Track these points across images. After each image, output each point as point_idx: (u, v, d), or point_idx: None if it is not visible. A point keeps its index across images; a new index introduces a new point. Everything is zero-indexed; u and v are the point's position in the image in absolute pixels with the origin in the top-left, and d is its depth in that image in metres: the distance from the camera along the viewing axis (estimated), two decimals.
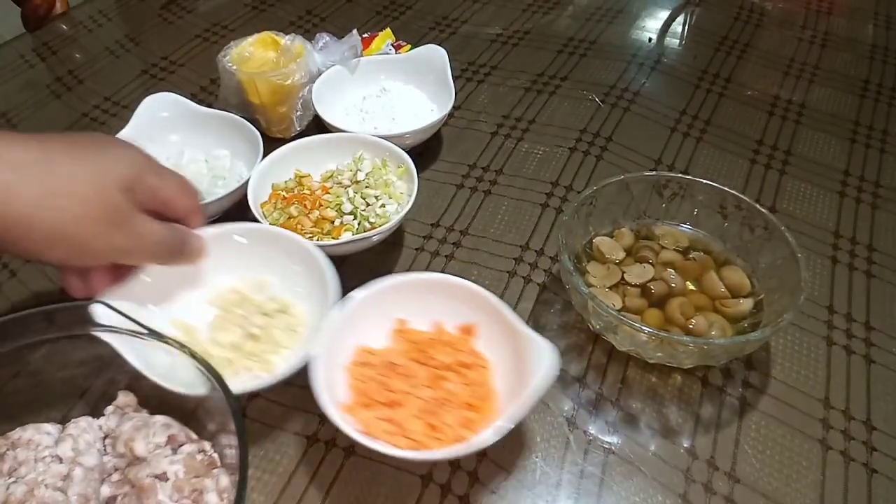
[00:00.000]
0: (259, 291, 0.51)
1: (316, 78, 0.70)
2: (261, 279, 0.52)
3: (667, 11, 0.96)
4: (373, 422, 0.43)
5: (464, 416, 0.43)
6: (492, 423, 0.41)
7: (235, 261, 0.51)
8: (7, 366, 0.40)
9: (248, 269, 0.52)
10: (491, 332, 0.48)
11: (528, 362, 0.43)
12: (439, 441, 0.42)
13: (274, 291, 0.51)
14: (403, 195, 0.59)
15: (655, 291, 0.52)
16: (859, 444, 0.47)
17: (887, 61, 0.86)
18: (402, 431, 0.42)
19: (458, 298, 0.49)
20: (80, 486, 0.37)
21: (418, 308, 0.49)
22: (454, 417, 0.43)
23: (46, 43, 0.89)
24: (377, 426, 0.42)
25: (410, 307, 0.49)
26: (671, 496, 0.44)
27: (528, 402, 0.41)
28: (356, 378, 0.46)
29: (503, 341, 0.46)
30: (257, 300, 0.50)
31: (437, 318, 0.49)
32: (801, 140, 0.73)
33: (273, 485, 0.44)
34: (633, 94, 0.79)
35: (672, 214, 0.57)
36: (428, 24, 0.91)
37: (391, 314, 0.49)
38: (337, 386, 0.44)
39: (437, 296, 0.49)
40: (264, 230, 0.52)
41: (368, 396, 0.44)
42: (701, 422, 0.48)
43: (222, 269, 0.51)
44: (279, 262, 0.51)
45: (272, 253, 0.51)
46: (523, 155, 0.70)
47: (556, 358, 0.42)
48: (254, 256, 0.51)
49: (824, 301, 0.56)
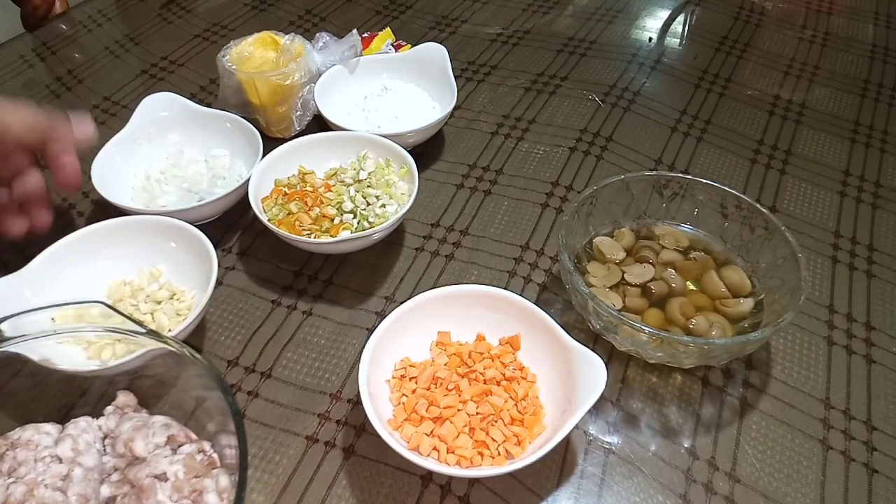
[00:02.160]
0: (152, 281, 0.54)
1: (316, 78, 0.70)
2: (153, 269, 0.55)
3: (667, 11, 0.96)
4: (420, 438, 0.42)
5: (511, 431, 0.43)
6: (539, 437, 0.41)
7: (131, 253, 0.54)
8: (7, 366, 0.40)
9: (143, 259, 0.55)
10: (535, 344, 0.47)
11: (576, 376, 0.43)
12: (487, 457, 0.42)
13: (165, 280, 0.54)
14: (404, 195, 0.59)
15: (656, 291, 0.52)
16: (860, 444, 0.47)
17: (887, 61, 0.86)
18: (450, 447, 0.42)
19: (501, 310, 0.48)
20: (80, 487, 0.37)
21: (460, 319, 0.49)
22: (501, 433, 0.43)
23: (46, 43, 0.89)
24: (425, 442, 0.42)
25: (452, 319, 0.49)
26: (671, 496, 0.44)
27: (579, 416, 0.40)
28: (400, 392, 0.45)
29: (548, 353, 0.46)
30: (149, 290, 0.53)
31: (480, 330, 0.49)
32: (801, 140, 0.73)
33: (273, 485, 0.44)
34: (634, 93, 0.79)
35: (672, 214, 0.57)
36: (428, 24, 0.91)
37: (433, 326, 0.49)
38: (380, 399, 0.44)
39: (479, 307, 0.49)
40: (156, 221, 0.54)
41: (415, 412, 0.44)
42: (701, 422, 0.48)
43: (119, 262, 0.54)
44: (171, 252, 0.54)
45: (164, 243, 0.54)
46: (523, 155, 0.70)
47: (604, 371, 0.42)
48: (150, 247, 0.54)
49: (825, 301, 0.56)
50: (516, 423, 0.44)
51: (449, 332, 0.49)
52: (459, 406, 0.44)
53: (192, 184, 0.62)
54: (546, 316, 0.46)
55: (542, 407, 0.45)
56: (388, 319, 0.46)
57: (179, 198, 0.61)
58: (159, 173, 0.63)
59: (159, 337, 0.40)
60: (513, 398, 0.45)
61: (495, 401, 0.45)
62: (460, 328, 0.49)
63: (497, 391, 0.45)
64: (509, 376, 0.46)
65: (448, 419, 0.43)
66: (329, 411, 0.48)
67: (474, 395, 0.45)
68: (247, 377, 0.50)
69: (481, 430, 0.43)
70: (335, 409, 0.48)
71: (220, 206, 0.59)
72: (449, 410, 0.44)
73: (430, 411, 0.44)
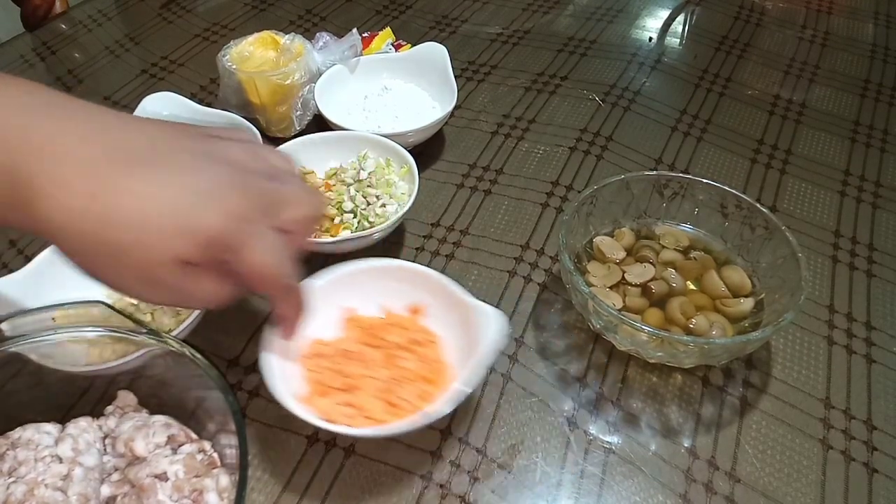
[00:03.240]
0: None
1: (316, 77, 0.70)
2: None
3: (667, 11, 0.96)
4: (333, 408, 0.43)
5: (420, 389, 0.45)
6: (451, 392, 0.42)
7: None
8: (7, 366, 0.40)
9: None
10: (440, 309, 0.49)
11: (477, 331, 0.45)
12: (400, 417, 0.43)
13: None
14: (404, 195, 0.59)
15: (656, 291, 0.52)
16: (860, 444, 0.47)
17: (888, 61, 0.86)
18: (362, 413, 0.43)
19: (404, 280, 0.50)
20: (80, 486, 0.37)
21: (366, 295, 0.50)
22: (411, 392, 0.44)
23: (46, 42, 0.89)
24: (338, 412, 0.43)
25: (358, 295, 0.50)
26: (672, 496, 0.44)
27: (479, 365, 0.42)
28: (311, 370, 0.46)
29: (452, 315, 0.48)
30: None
31: (386, 303, 0.51)
32: (801, 139, 0.73)
33: (273, 485, 0.44)
34: (634, 93, 0.79)
35: (672, 214, 0.57)
36: (428, 24, 0.91)
37: (340, 304, 0.50)
38: (292, 379, 0.45)
39: (384, 280, 0.50)
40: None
41: (325, 385, 0.45)
42: (701, 421, 0.48)
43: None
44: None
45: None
46: (523, 154, 0.70)
47: (503, 321, 0.44)
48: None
49: (825, 301, 0.56)
50: (426, 383, 0.45)
51: (356, 308, 0.50)
52: (369, 374, 0.46)
53: None
54: (446, 279, 0.48)
55: (449, 365, 0.47)
56: None
57: None
58: None
59: (159, 337, 0.40)
60: (420, 360, 0.47)
61: (403, 364, 0.46)
62: (367, 303, 0.51)
63: (404, 356, 0.47)
64: (415, 340, 0.48)
65: (358, 387, 0.45)
66: None
67: (383, 362, 0.46)
68: (247, 377, 0.50)
69: (392, 392, 0.44)
70: None
71: None
72: (359, 379, 0.45)
73: (340, 383, 0.45)
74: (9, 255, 0.59)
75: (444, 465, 0.45)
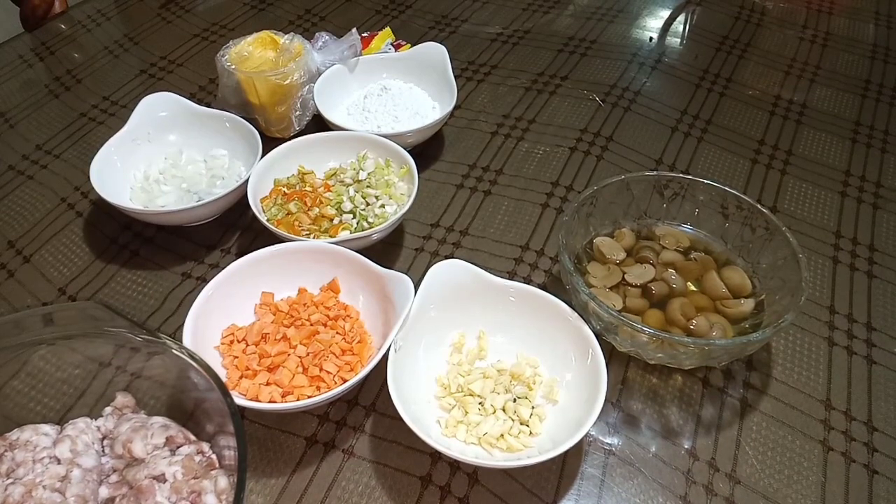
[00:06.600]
0: None
1: (315, 77, 0.70)
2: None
3: (667, 11, 0.95)
4: (258, 389, 0.44)
5: (343, 360, 0.46)
6: (371, 360, 0.43)
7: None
8: (6, 366, 0.40)
9: None
10: (353, 283, 0.51)
11: (391, 298, 0.46)
12: (325, 389, 0.44)
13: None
14: (404, 196, 0.59)
15: (656, 292, 0.52)
16: (860, 446, 0.47)
17: (888, 61, 0.86)
18: (288, 389, 0.45)
19: (319, 260, 0.51)
20: (79, 488, 0.36)
21: (281, 278, 0.51)
22: (334, 364, 0.46)
23: (45, 43, 0.89)
24: (264, 392, 0.44)
25: (273, 279, 0.51)
26: (672, 497, 0.44)
27: (398, 327, 0.44)
28: (228, 356, 0.47)
29: (365, 287, 0.50)
30: None
31: (301, 284, 0.52)
32: (802, 140, 0.73)
33: (272, 485, 0.44)
34: (634, 93, 0.79)
35: (673, 214, 0.57)
36: (428, 24, 0.91)
37: (254, 289, 0.51)
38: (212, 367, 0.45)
39: (298, 262, 0.51)
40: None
41: (247, 367, 0.46)
42: (702, 423, 0.48)
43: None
44: None
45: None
46: (523, 155, 0.70)
47: (411, 285, 0.46)
48: None
49: (825, 302, 0.56)
50: (347, 354, 0.47)
51: (272, 293, 0.51)
52: (290, 351, 0.47)
53: (191, 184, 0.62)
54: (356, 255, 0.50)
55: (367, 334, 0.49)
56: (205, 291, 0.47)
57: (178, 198, 0.61)
58: (158, 173, 0.63)
59: (159, 338, 0.40)
60: (339, 333, 0.48)
61: (323, 338, 0.47)
62: (283, 286, 0.52)
63: (323, 331, 0.48)
64: (333, 315, 0.49)
65: (280, 365, 0.46)
66: (329, 412, 0.48)
67: (302, 339, 0.48)
68: None
69: (314, 366, 0.46)
70: (335, 410, 0.48)
71: (218, 207, 0.59)
72: (280, 357, 0.46)
73: (261, 363, 0.46)
74: (8, 255, 0.59)
75: (443, 467, 0.45)
